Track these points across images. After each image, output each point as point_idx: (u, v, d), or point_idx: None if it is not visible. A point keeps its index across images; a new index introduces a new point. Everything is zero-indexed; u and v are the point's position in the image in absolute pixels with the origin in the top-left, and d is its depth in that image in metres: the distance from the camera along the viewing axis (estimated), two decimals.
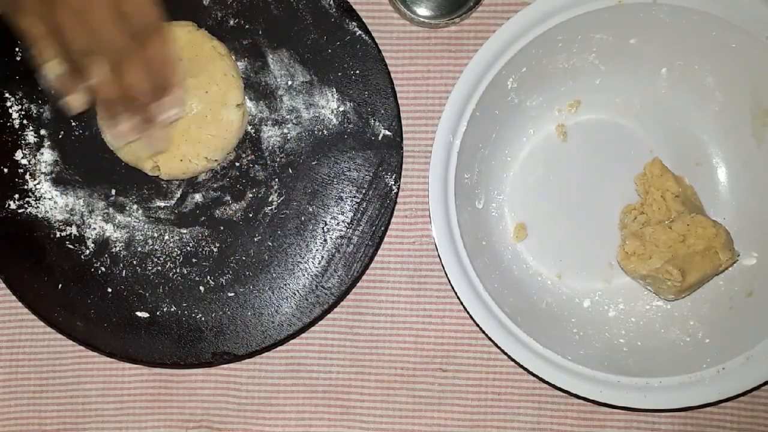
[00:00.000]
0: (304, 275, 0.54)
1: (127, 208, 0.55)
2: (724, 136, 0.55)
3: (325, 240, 0.54)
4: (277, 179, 0.54)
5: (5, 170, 0.55)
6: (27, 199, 0.55)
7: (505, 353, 0.50)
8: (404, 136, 0.55)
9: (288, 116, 0.55)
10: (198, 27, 0.54)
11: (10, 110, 0.55)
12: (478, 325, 0.51)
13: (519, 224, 0.56)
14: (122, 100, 0.48)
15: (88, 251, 0.55)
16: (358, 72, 0.54)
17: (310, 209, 0.54)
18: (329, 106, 0.54)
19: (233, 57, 0.54)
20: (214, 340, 0.54)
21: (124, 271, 0.55)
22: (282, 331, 0.54)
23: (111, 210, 0.55)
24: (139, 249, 0.55)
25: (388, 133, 0.54)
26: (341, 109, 0.54)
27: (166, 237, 0.55)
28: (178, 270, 0.54)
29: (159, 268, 0.54)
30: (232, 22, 0.54)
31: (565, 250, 0.56)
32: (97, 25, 0.47)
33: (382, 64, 0.54)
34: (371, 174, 0.54)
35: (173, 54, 0.49)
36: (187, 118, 0.53)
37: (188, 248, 0.55)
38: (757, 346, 0.50)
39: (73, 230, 0.55)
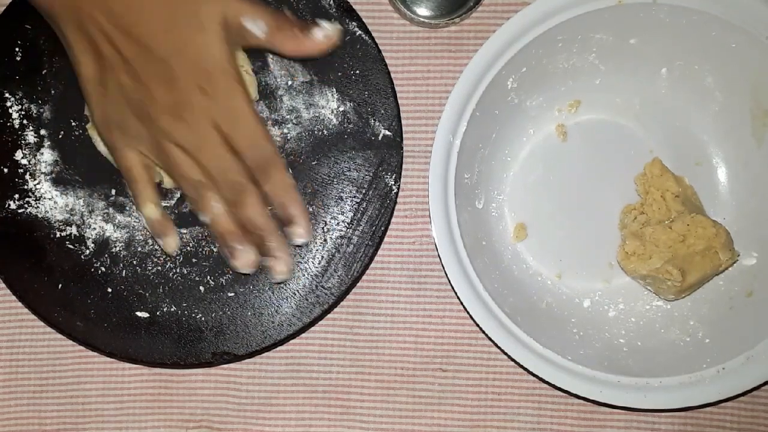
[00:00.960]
0: (304, 275, 0.54)
1: (128, 208, 0.55)
2: (724, 136, 0.55)
3: (325, 240, 0.54)
4: None
5: (5, 170, 0.55)
6: (27, 199, 0.55)
7: (505, 353, 0.50)
8: (404, 136, 0.55)
9: (288, 116, 0.55)
10: None
11: (10, 110, 0.55)
12: (478, 325, 0.51)
13: (519, 224, 0.56)
14: (239, 234, 0.50)
15: (88, 251, 0.55)
16: (358, 72, 0.54)
17: (310, 209, 0.54)
18: (329, 106, 0.54)
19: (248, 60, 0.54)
20: (214, 340, 0.54)
21: (124, 271, 0.55)
22: (282, 331, 0.54)
23: (111, 210, 0.55)
24: (139, 249, 0.55)
25: (388, 133, 0.54)
26: (341, 109, 0.54)
27: None
28: (178, 270, 0.54)
29: (159, 268, 0.54)
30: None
31: (565, 250, 0.56)
32: (210, 162, 0.48)
33: (382, 64, 0.54)
34: (371, 174, 0.54)
35: (293, 185, 0.50)
36: None
37: (188, 248, 0.55)
38: (757, 346, 0.50)
39: (73, 230, 0.55)
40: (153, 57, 0.47)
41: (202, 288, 0.54)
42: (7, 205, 0.54)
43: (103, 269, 0.55)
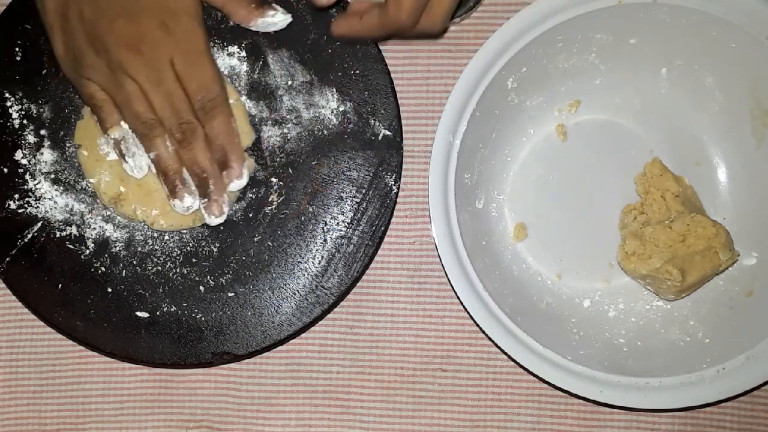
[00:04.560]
0: (304, 275, 0.54)
1: None
2: (724, 136, 0.55)
3: (325, 240, 0.54)
4: (277, 179, 0.54)
5: (5, 170, 0.55)
6: (27, 199, 0.55)
7: (505, 353, 0.50)
8: (404, 136, 0.55)
9: (288, 116, 0.55)
10: None
11: (10, 110, 0.55)
12: (478, 325, 0.51)
13: (519, 224, 0.56)
14: (182, 173, 0.51)
15: (88, 251, 0.55)
16: (358, 72, 0.54)
17: (310, 209, 0.54)
18: (329, 106, 0.54)
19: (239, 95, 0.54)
20: (214, 340, 0.54)
21: (124, 271, 0.55)
22: (282, 331, 0.54)
23: (111, 210, 0.55)
24: (139, 249, 0.55)
25: (388, 133, 0.54)
26: (341, 109, 0.54)
27: (166, 237, 0.55)
28: (178, 270, 0.54)
29: (159, 268, 0.54)
30: (232, 22, 0.54)
31: (565, 250, 0.56)
32: (163, 98, 0.49)
33: (382, 64, 0.54)
34: (371, 174, 0.54)
35: (234, 130, 0.51)
36: None
37: (188, 248, 0.55)
38: (757, 346, 0.50)
39: (73, 230, 0.55)
40: None
41: (202, 288, 0.54)
42: (7, 205, 0.54)
43: (103, 269, 0.55)
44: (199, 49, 0.50)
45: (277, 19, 0.52)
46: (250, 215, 0.55)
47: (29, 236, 0.54)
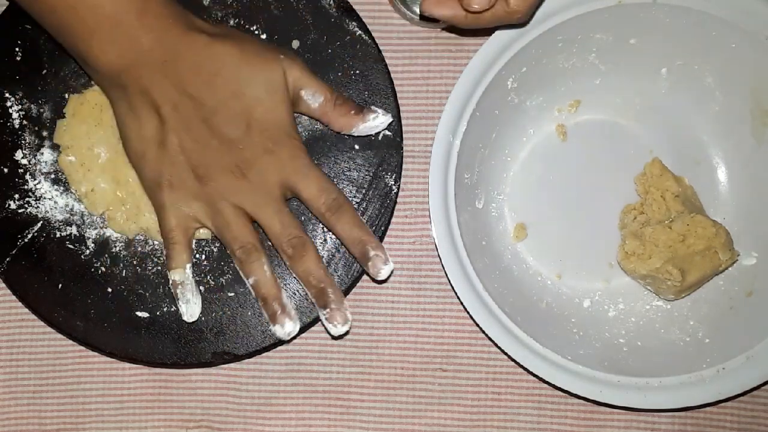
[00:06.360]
0: None
1: None
2: (724, 136, 0.55)
3: (325, 240, 0.54)
4: None
5: (5, 170, 0.55)
6: (27, 199, 0.55)
7: (505, 353, 0.50)
8: (404, 136, 0.55)
9: None
10: None
11: (10, 110, 0.55)
12: (478, 325, 0.51)
13: (519, 224, 0.56)
14: (281, 299, 0.52)
15: (88, 251, 0.55)
16: (358, 72, 0.54)
17: None
18: None
19: None
20: (214, 340, 0.54)
21: (124, 271, 0.55)
22: None
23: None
24: (139, 249, 0.55)
25: (388, 133, 0.54)
26: None
27: None
28: None
29: (159, 268, 0.54)
30: (232, 22, 0.54)
31: (565, 250, 0.56)
32: (272, 218, 0.50)
33: (382, 64, 0.54)
34: (371, 174, 0.54)
35: (361, 221, 0.51)
36: None
37: None
38: (757, 346, 0.50)
39: (73, 230, 0.55)
40: (218, 120, 0.48)
41: (202, 288, 0.54)
42: (7, 205, 0.54)
43: (103, 269, 0.55)
44: (306, 163, 0.50)
45: (378, 122, 0.52)
46: None
47: (29, 236, 0.54)
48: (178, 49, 0.47)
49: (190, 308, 0.52)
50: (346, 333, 0.51)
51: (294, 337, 0.52)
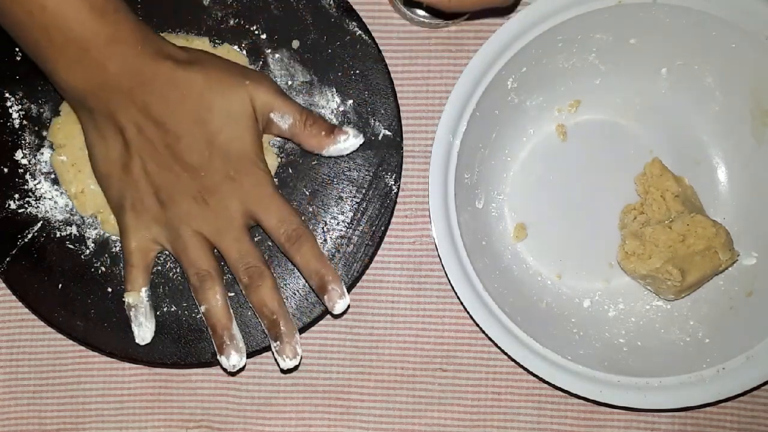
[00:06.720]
0: None
1: None
2: (724, 136, 0.55)
3: (325, 240, 0.54)
4: (277, 179, 0.54)
5: (5, 170, 0.55)
6: (27, 199, 0.55)
7: (505, 353, 0.50)
8: (404, 136, 0.55)
9: None
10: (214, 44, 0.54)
11: (10, 110, 0.55)
12: (478, 325, 0.51)
13: (519, 224, 0.56)
14: (231, 329, 0.52)
15: (88, 251, 0.55)
16: (358, 72, 0.54)
17: (310, 209, 0.54)
18: (329, 106, 0.54)
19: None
20: None
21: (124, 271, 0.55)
22: None
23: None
24: None
25: (388, 133, 0.54)
26: (341, 109, 0.54)
27: None
28: (178, 270, 0.54)
29: (159, 268, 0.54)
30: (232, 22, 0.54)
31: (565, 250, 0.56)
32: (230, 245, 0.50)
33: (382, 64, 0.54)
34: (371, 174, 0.54)
35: (322, 253, 0.51)
36: None
37: None
38: (757, 346, 0.50)
39: (73, 230, 0.55)
40: (182, 146, 0.48)
41: None
42: (7, 205, 0.54)
43: (103, 269, 0.55)
44: (268, 192, 0.50)
45: (348, 144, 0.52)
46: None
47: (29, 236, 0.54)
48: (144, 75, 0.47)
49: (142, 331, 0.52)
50: (296, 367, 0.52)
51: (239, 370, 0.52)
